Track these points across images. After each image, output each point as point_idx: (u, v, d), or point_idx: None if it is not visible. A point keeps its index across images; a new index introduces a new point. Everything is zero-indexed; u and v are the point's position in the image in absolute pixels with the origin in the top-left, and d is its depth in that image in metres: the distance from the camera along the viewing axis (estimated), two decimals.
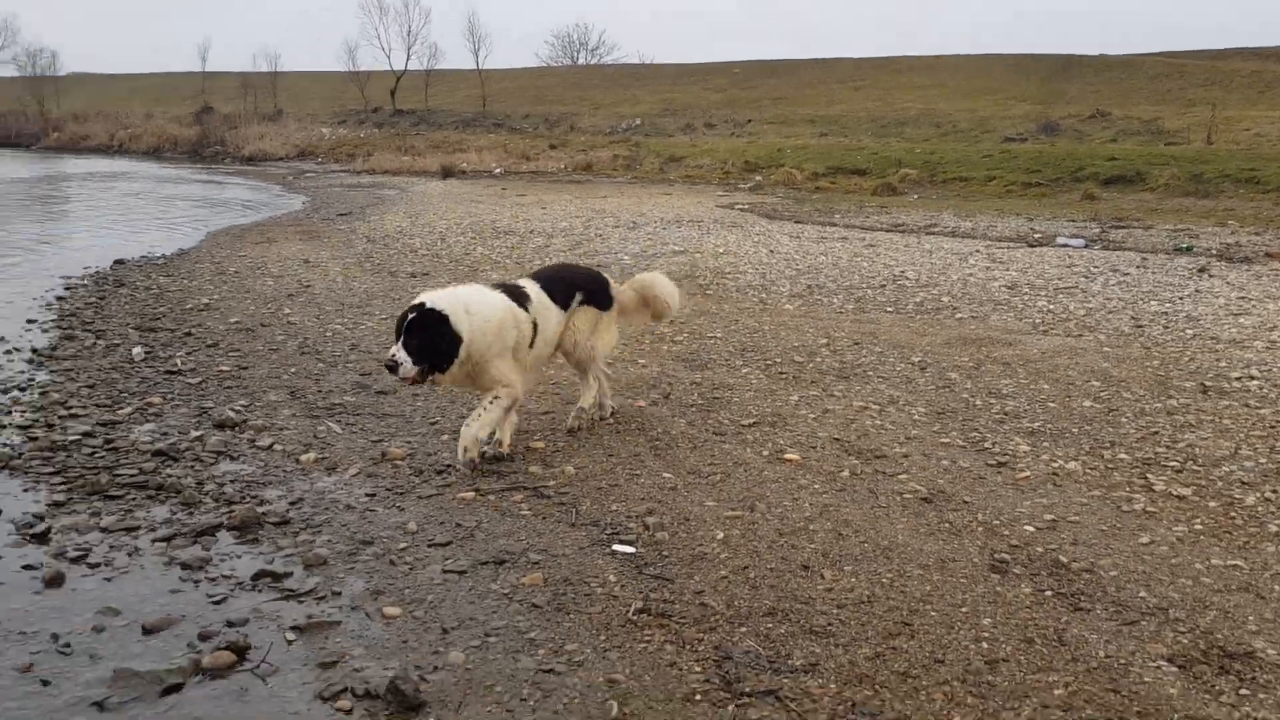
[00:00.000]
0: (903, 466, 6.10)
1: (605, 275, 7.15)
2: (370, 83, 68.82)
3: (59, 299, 11.65)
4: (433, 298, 5.84)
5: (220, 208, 25.49)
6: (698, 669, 3.89)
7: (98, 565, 4.73)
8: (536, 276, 6.68)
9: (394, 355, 5.70)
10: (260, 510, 5.35)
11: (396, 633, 4.15)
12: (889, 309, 11.06)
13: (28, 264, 14.70)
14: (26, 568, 4.67)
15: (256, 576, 4.62)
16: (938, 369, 8.33)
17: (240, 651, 3.96)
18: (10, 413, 7.04)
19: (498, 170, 37.84)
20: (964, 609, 4.35)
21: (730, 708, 3.63)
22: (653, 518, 5.29)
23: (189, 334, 9.75)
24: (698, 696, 3.70)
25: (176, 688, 3.72)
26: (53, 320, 10.40)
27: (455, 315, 5.75)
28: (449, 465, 6.08)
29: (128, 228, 20.29)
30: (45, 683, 3.76)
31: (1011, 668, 3.90)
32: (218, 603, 4.40)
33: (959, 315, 10.67)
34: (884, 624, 4.22)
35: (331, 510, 5.44)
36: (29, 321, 10.30)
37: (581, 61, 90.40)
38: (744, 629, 4.19)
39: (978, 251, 15.78)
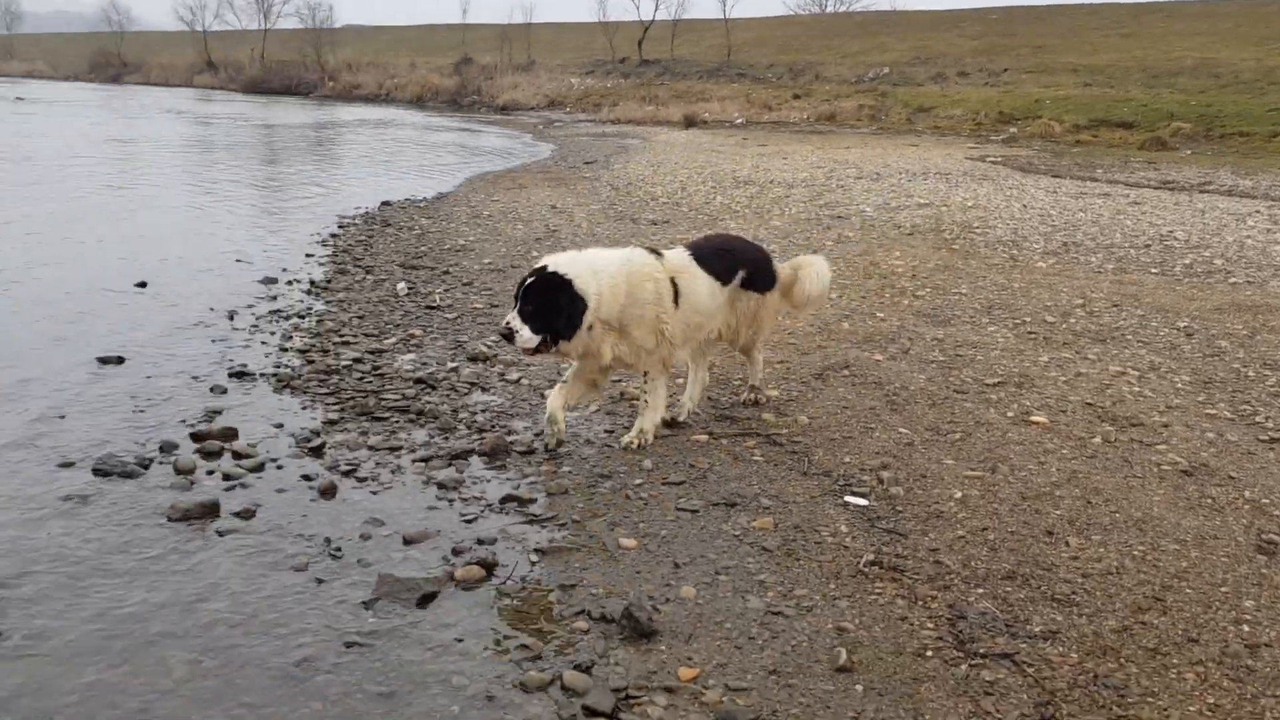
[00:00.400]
0: (1162, 436, 5.74)
1: (769, 253, 6.37)
2: (618, 33, 69.82)
3: (333, 236, 12.64)
4: (555, 260, 5.36)
5: (476, 154, 26.71)
6: (930, 626, 3.84)
7: (365, 480, 5.17)
8: (689, 245, 5.98)
9: (509, 323, 5.25)
10: (509, 439, 5.67)
11: (631, 563, 4.31)
12: (1153, 270, 10.33)
13: (309, 203, 15.96)
14: (304, 478, 5.16)
15: (504, 500, 4.92)
16: (1206, 336, 7.74)
17: (489, 567, 4.24)
18: (291, 338, 7.73)
19: (739, 120, 37.72)
20: (1224, 589, 4.08)
21: (964, 667, 3.57)
22: (887, 472, 5.22)
23: (446, 272, 10.35)
24: (929, 653, 3.66)
25: (432, 595, 4.03)
26: (328, 255, 11.31)
27: (581, 278, 5.24)
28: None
29: (394, 171, 21.66)
30: (319, 580, 4.16)
31: (1275, 653, 3.64)
32: (469, 521, 4.72)
33: (1233, 280, 9.84)
34: (1133, 597, 4.02)
35: (573, 444, 5.68)
36: (307, 256, 11.24)
37: (830, 9, 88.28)
38: (980, 590, 4.09)
39: (1258, 212, 14.44)
